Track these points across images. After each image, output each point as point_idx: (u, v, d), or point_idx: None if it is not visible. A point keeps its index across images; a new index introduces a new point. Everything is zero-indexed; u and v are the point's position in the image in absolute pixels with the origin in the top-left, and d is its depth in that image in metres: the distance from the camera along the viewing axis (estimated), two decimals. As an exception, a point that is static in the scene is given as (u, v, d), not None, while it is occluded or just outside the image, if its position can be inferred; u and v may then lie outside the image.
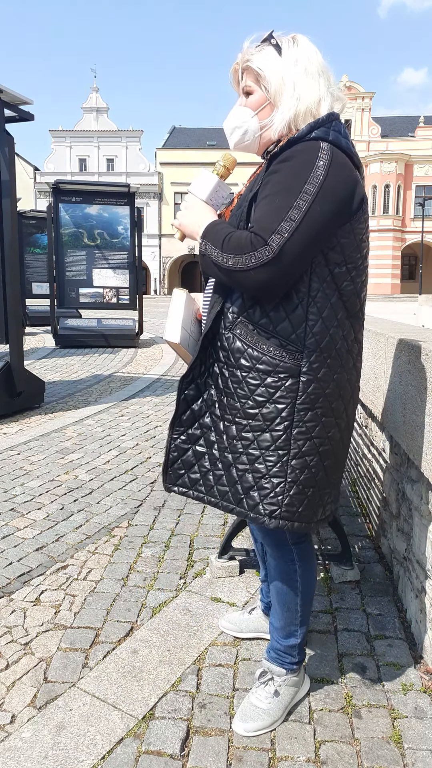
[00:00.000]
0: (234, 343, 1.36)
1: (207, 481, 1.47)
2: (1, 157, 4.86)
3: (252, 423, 1.36)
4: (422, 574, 1.87)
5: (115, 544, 2.66)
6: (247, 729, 1.53)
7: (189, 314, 1.58)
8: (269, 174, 1.31)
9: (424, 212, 33.33)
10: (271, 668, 1.63)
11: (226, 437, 1.41)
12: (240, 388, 1.36)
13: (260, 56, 1.37)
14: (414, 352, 1.93)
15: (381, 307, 19.30)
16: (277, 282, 1.26)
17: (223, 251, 1.28)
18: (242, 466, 1.39)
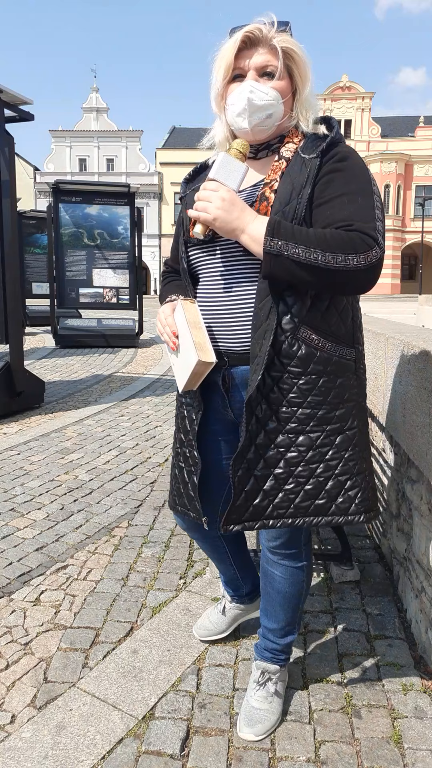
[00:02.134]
0: (301, 350, 1.30)
1: (282, 503, 1.37)
2: (1, 157, 4.86)
3: (328, 428, 1.35)
4: (422, 574, 1.87)
5: (115, 544, 2.66)
6: (257, 733, 1.51)
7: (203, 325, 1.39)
8: (332, 172, 1.27)
9: (424, 212, 33.33)
10: (267, 668, 1.63)
11: (304, 449, 1.35)
12: (316, 395, 1.33)
13: (293, 41, 1.29)
14: (414, 351, 1.93)
15: (381, 307, 19.30)
16: (378, 279, 1.25)
17: (327, 250, 1.18)
18: (327, 473, 1.37)
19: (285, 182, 1.29)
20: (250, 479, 1.37)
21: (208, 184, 1.27)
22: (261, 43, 1.28)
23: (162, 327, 1.44)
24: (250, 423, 1.33)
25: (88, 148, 45.13)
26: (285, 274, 1.23)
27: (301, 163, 1.29)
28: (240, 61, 1.29)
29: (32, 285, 13.55)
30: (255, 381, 1.29)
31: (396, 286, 38.78)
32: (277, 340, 1.28)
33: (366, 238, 1.19)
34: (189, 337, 1.32)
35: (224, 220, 1.24)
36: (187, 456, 1.53)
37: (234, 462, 1.35)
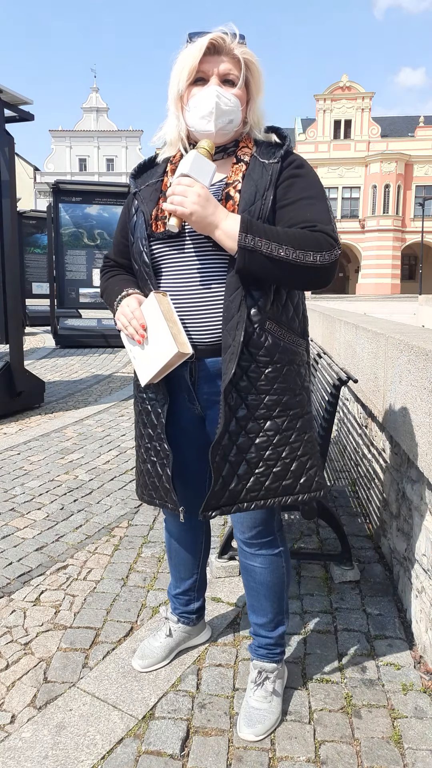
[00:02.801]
0: (267, 341, 1.38)
1: (253, 486, 1.44)
2: (1, 157, 4.86)
3: (291, 413, 1.44)
4: (422, 574, 1.87)
5: (115, 544, 2.66)
6: (257, 733, 1.52)
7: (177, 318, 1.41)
8: (291, 177, 1.37)
9: (424, 212, 33.30)
10: (264, 667, 1.64)
11: (272, 433, 1.43)
12: (280, 383, 1.41)
13: (252, 54, 1.38)
14: (414, 352, 1.93)
15: (381, 307, 19.31)
16: (335, 275, 1.36)
17: (297, 248, 1.27)
18: (291, 454, 1.45)
19: (248, 184, 1.36)
20: (226, 465, 1.43)
21: (182, 180, 1.30)
22: (224, 52, 1.35)
23: (127, 320, 1.43)
24: (225, 411, 1.38)
25: (88, 148, 45.15)
26: (258, 269, 1.30)
27: (261, 167, 1.38)
28: (203, 65, 1.35)
29: (32, 285, 13.55)
30: (231, 370, 1.34)
31: (396, 286, 38.77)
32: (246, 331, 1.35)
33: (328, 238, 1.31)
34: (165, 329, 1.34)
35: (200, 215, 1.29)
36: (158, 450, 1.54)
37: (212, 450, 1.41)
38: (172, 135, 1.45)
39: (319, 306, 9.03)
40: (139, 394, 1.57)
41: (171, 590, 1.88)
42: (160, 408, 1.50)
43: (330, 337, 4.85)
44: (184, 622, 1.86)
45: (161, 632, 1.85)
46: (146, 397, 1.54)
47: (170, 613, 1.88)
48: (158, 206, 1.44)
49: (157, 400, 1.50)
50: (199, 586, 1.85)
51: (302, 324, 1.49)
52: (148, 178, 1.52)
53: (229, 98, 1.36)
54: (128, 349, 1.48)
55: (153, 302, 1.38)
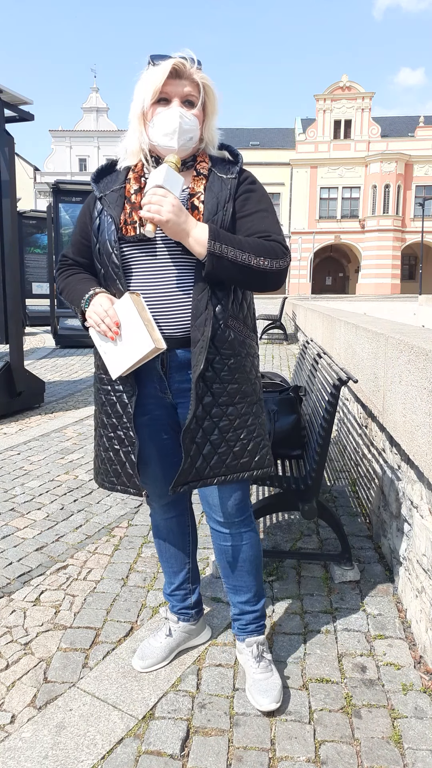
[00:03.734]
0: (230, 336, 1.55)
1: (216, 464, 1.59)
2: (1, 157, 4.86)
3: (248, 399, 1.62)
4: (422, 574, 1.87)
5: (115, 544, 2.66)
6: (276, 700, 1.62)
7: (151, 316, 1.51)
8: (247, 192, 1.56)
9: (424, 212, 33.29)
10: (258, 640, 1.76)
11: (233, 418, 1.59)
12: (240, 372, 1.59)
13: (209, 79, 1.52)
14: (414, 352, 1.93)
15: (381, 307, 19.30)
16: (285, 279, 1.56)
17: (257, 255, 1.47)
18: (248, 436, 1.63)
19: (210, 196, 1.53)
20: (193, 446, 1.57)
21: (157, 190, 1.43)
22: (185, 76, 1.49)
23: (100, 318, 1.50)
24: (195, 398, 1.53)
25: (88, 148, 45.15)
26: (223, 272, 1.47)
27: (220, 181, 1.55)
28: (166, 87, 1.48)
29: (32, 285, 13.55)
30: (201, 362, 1.50)
31: (396, 286, 38.77)
32: (212, 327, 1.51)
33: (281, 247, 1.51)
34: (141, 327, 1.45)
35: (175, 223, 1.42)
36: (122, 438, 1.64)
37: (183, 433, 1.55)
38: (133, 146, 1.58)
39: (319, 306, 9.02)
40: (102, 387, 1.66)
41: (166, 589, 1.90)
42: (128, 398, 1.60)
43: (330, 337, 4.85)
44: (184, 619, 1.87)
45: (161, 632, 1.86)
46: (111, 390, 1.63)
47: (169, 613, 1.89)
48: (125, 211, 1.54)
49: (125, 392, 1.60)
50: (193, 578, 1.89)
51: (253, 320, 1.69)
52: (110, 183, 1.62)
53: (190, 118, 1.50)
54: (98, 344, 1.57)
55: (128, 302, 1.48)
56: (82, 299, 1.56)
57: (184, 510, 1.86)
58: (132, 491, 1.66)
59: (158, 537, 1.88)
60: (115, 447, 1.66)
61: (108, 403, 1.64)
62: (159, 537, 1.88)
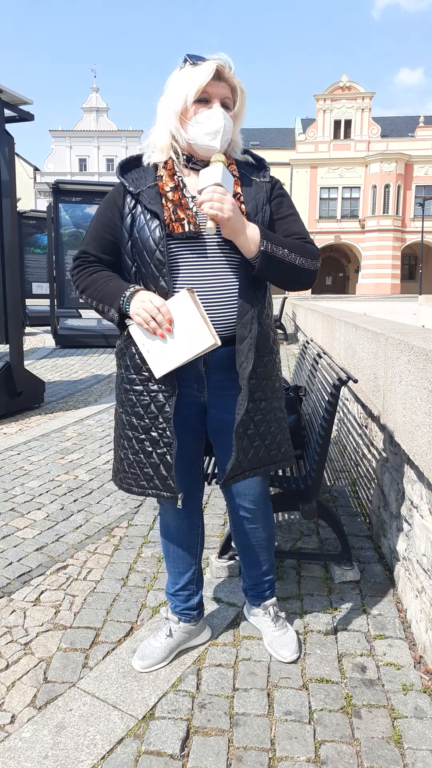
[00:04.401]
0: (267, 333, 1.65)
1: (252, 457, 1.67)
2: (1, 157, 4.86)
3: (277, 394, 1.72)
4: (422, 574, 1.87)
5: (115, 544, 2.66)
6: (295, 651, 1.84)
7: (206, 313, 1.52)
8: (280, 196, 1.66)
9: (424, 212, 33.28)
10: (273, 602, 1.94)
11: (266, 412, 1.68)
12: (272, 368, 1.69)
13: (242, 84, 1.56)
14: (414, 352, 1.93)
15: (381, 307, 19.29)
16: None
17: (300, 255, 1.57)
18: (277, 429, 1.72)
19: (248, 198, 1.59)
20: (245, 439, 1.64)
21: (218, 188, 1.45)
22: (224, 78, 1.52)
23: (150, 315, 1.47)
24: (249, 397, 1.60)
25: (88, 148, 45.13)
26: (271, 270, 1.55)
27: (255, 184, 1.63)
28: (209, 88, 1.51)
29: (32, 285, 13.54)
30: (251, 359, 1.56)
31: (396, 286, 38.76)
32: (258, 328, 1.59)
33: (315, 248, 1.64)
34: (201, 323, 1.46)
35: (235, 221, 1.47)
36: (157, 439, 1.61)
37: (236, 428, 1.60)
38: (163, 142, 1.58)
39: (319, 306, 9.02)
40: (133, 388, 1.62)
41: (169, 589, 1.89)
42: (165, 399, 1.58)
43: (330, 337, 4.85)
44: (185, 620, 1.86)
45: (161, 632, 1.86)
46: (143, 390, 1.60)
47: (170, 613, 1.88)
48: (166, 208, 1.53)
49: (162, 392, 1.58)
50: (198, 579, 1.89)
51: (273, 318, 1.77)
52: (140, 179, 1.59)
53: (229, 120, 1.54)
54: (140, 343, 1.54)
55: (185, 298, 1.47)
56: (121, 297, 1.52)
57: (195, 511, 1.85)
58: (165, 494, 1.62)
59: (167, 537, 1.86)
60: (147, 449, 1.62)
61: (140, 405, 1.61)
62: (168, 537, 1.86)
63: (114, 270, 1.63)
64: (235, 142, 1.64)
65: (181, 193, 1.55)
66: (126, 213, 1.57)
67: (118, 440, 1.71)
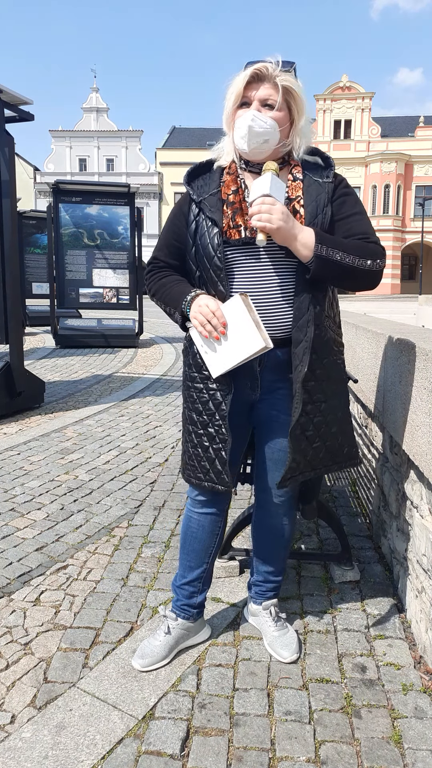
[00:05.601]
0: (327, 336, 1.64)
1: (312, 458, 1.69)
2: (1, 157, 4.85)
3: (340, 396, 1.72)
4: (422, 574, 1.87)
5: (115, 544, 2.66)
6: (296, 651, 1.84)
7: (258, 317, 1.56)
8: (343, 195, 1.63)
9: (424, 212, 33.31)
10: (274, 603, 1.94)
11: (326, 413, 1.68)
12: (332, 370, 1.68)
13: (292, 80, 1.55)
14: (414, 352, 1.93)
15: (381, 307, 19.29)
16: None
17: (360, 256, 1.55)
18: (339, 430, 1.73)
19: (309, 200, 1.59)
20: (303, 440, 1.65)
21: (265, 199, 1.48)
22: (267, 79, 1.53)
23: (206, 318, 1.56)
24: (304, 399, 1.61)
25: (88, 148, 45.12)
26: (327, 274, 1.55)
27: (317, 185, 1.61)
28: (247, 91, 1.54)
29: (32, 285, 13.52)
30: (305, 362, 1.58)
31: (396, 286, 38.76)
32: (317, 329, 1.59)
33: (380, 248, 1.61)
34: (252, 326, 1.51)
35: (285, 229, 1.48)
36: (213, 435, 1.69)
37: (291, 430, 1.63)
38: (228, 148, 1.65)
39: (319, 306, 9.01)
40: (194, 385, 1.72)
41: (177, 581, 1.90)
42: (222, 397, 1.66)
43: (330, 337, 4.84)
44: (184, 616, 1.87)
45: (160, 630, 1.86)
46: (204, 388, 1.69)
47: (169, 610, 1.89)
48: (225, 214, 1.59)
49: (220, 390, 1.66)
50: (206, 579, 1.89)
51: (340, 319, 1.77)
52: (204, 185, 1.66)
53: (265, 121, 1.52)
54: (199, 344, 1.64)
55: (238, 302, 1.53)
56: (183, 301, 1.62)
57: (222, 510, 1.86)
58: (220, 487, 1.72)
59: (187, 529, 1.87)
60: (205, 444, 1.71)
61: (200, 401, 1.70)
62: (188, 529, 1.87)
63: (184, 274, 1.72)
64: (296, 143, 1.62)
65: (243, 196, 1.60)
66: (191, 220, 1.65)
67: (183, 434, 1.81)
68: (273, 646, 1.86)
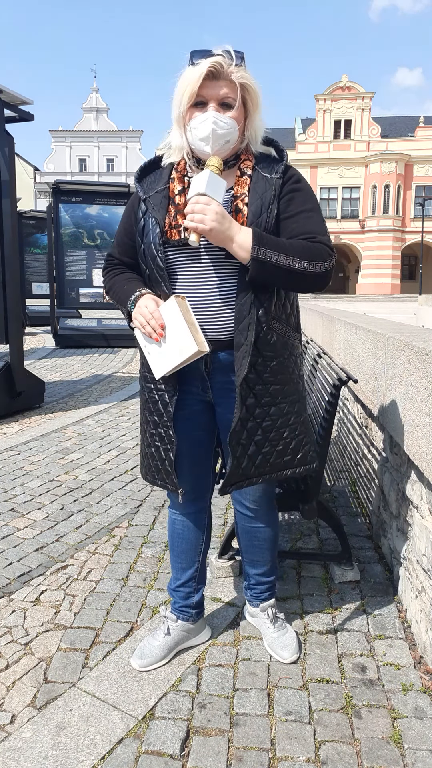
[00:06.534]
0: (273, 338, 1.56)
1: (261, 463, 1.64)
2: (1, 157, 4.86)
3: (291, 398, 1.65)
4: (422, 574, 1.87)
5: (115, 544, 2.66)
6: (295, 652, 1.83)
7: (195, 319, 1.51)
8: (292, 192, 1.54)
9: (424, 212, 33.29)
10: (271, 604, 1.92)
11: (275, 417, 1.62)
12: (282, 373, 1.61)
13: (247, 74, 1.48)
14: (414, 352, 1.93)
15: (381, 307, 19.30)
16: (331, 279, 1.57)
17: (302, 258, 1.46)
18: (291, 434, 1.66)
19: (254, 197, 1.51)
20: (239, 447, 1.60)
21: (200, 199, 1.41)
22: (222, 77, 1.45)
23: (145, 319, 1.52)
24: (242, 402, 1.55)
25: (88, 148, 45.14)
26: (266, 276, 1.47)
27: (264, 181, 1.53)
28: (203, 90, 1.46)
29: (32, 285, 13.54)
30: (245, 367, 1.51)
31: (396, 286, 38.75)
32: (255, 330, 1.52)
33: (327, 248, 1.51)
34: (186, 330, 1.45)
35: (218, 231, 1.41)
36: (162, 436, 1.67)
37: (230, 436, 1.58)
38: (177, 142, 1.57)
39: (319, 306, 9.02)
40: (146, 385, 1.70)
41: (171, 585, 1.91)
42: (169, 398, 1.62)
43: (330, 337, 4.85)
44: (183, 618, 1.87)
45: (160, 631, 1.86)
46: (154, 388, 1.66)
47: (169, 611, 1.89)
48: (169, 213, 1.54)
49: (167, 391, 1.62)
50: (200, 578, 1.90)
51: (297, 319, 1.68)
52: (153, 182, 1.62)
53: (225, 121, 1.47)
54: (143, 345, 1.60)
55: (173, 305, 1.49)
56: (129, 300, 1.59)
57: (204, 508, 1.87)
58: (170, 487, 1.71)
59: (173, 531, 1.88)
60: (156, 443, 1.70)
61: (151, 401, 1.68)
62: (173, 531, 1.88)
63: (138, 272, 1.68)
64: (252, 136, 1.57)
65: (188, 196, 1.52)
66: (139, 218, 1.61)
67: (141, 432, 1.79)
68: (272, 647, 1.86)
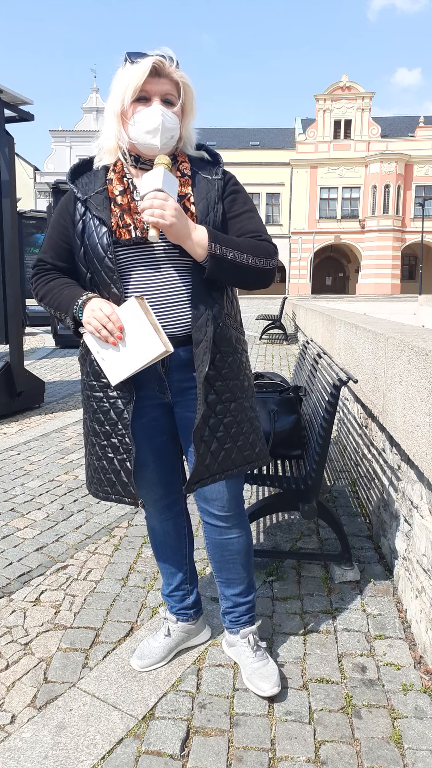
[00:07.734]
0: (228, 334, 1.59)
1: (223, 460, 1.62)
2: (1, 157, 4.86)
3: (247, 393, 1.67)
4: (422, 574, 1.87)
5: (115, 544, 2.66)
6: (276, 684, 1.67)
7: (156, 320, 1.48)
8: (234, 193, 1.60)
9: (424, 212, 33.30)
10: (252, 630, 1.79)
11: (236, 413, 1.62)
12: (238, 368, 1.63)
13: (187, 78, 1.51)
14: (414, 352, 1.93)
15: (381, 307, 19.30)
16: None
17: (254, 255, 1.52)
18: (249, 429, 1.67)
19: (199, 197, 1.55)
20: (202, 444, 1.58)
21: (158, 194, 1.41)
22: (164, 74, 1.47)
23: (101, 323, 1.45)
24: (204, 399, 1.55)
25: (88, 148, 45.00)
26: (222, 273, 1.50)
27: (206, 182, 1.57)
28: (146, 86, 1.46)
29: (32, 285, 13.52)
30: (206, 362, 1.52)
31: (396, 286, 38.75)
32: (213, 327, 1.54)
33: (272, 246, 1.59)
34: (150, 330, 1.43)
35: (177, 227, 1.42)
36: (117, 446, 1.60)
37: (194, 433, 1.56)
38: (110, 144, 1.55)
39: (319, 306, 9.02)
40: (93, 394, 1.61)
41: (164, 591, 1.90)
42: (124, 405, 1.57)
43: (330, 337, 4.85)
44: (183, 619, 1.87)
45: (160, 632, 1.86)
46: (103, 396, 1.60)
47: (169, 613, 1.89)
48: (114, 213, 1.51)
49: (120, 398, 1.57)
50: (191, 578, 1.88)
51: (240, 316, 1.73)
52: (89, 184, 1.56)
53: (171, 116, 1.49)
54: (95, 351, 1.52)
55: (134, 306, 1.45)
56: (74, 305, 1.50)
57: (180, 512, 1.84)
58: (127, 500, 1.63)
59: (154, 539, 1.86)
60: (109, 455, 1.62)
61: (100, 411, 1.60)
62: (155, 539, 1.86)
63: (73, 277, 1.61)
64: (187, 138, 1.59)
65: (131, 196, 1.52)
66: (77, 220, 1.55)
67: (85, 446, 1.71)
68: (251, 678, 1.70)
